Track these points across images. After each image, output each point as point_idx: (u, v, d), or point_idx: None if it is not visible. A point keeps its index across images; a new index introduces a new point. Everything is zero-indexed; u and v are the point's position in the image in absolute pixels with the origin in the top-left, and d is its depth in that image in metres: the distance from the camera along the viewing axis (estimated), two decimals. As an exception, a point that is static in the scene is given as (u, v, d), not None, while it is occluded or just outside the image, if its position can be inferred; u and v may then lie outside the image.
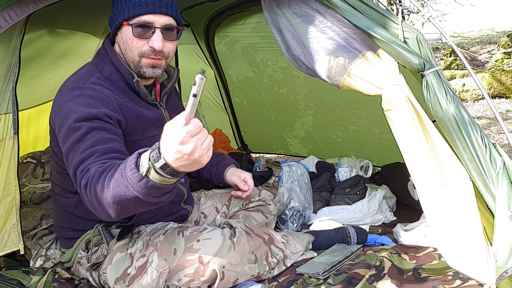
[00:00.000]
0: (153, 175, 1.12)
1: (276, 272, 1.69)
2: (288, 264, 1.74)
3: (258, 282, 1.62)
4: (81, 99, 1.48)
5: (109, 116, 1.49)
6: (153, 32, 1.56)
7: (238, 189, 1.97)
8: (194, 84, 1.04)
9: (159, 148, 1.09)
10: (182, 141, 1.03)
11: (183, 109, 1.69)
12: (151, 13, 1.54)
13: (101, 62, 1.64)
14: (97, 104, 1.49)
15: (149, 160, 1.11)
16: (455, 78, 7.11)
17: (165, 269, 1.52)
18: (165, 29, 1.58)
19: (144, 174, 1.13)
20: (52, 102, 1.60)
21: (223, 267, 1.51)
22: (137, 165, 1.15)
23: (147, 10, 1.54)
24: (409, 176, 1.57)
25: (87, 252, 1.71)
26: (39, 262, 1.84)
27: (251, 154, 3.77)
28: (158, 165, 1.10)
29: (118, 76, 1.62)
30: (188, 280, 1.51)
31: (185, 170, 1.11)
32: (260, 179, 2.77)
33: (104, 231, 1.69)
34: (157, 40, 1.56)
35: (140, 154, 1.17)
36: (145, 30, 1.56)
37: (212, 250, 1.51)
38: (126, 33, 1.58)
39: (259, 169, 2.98)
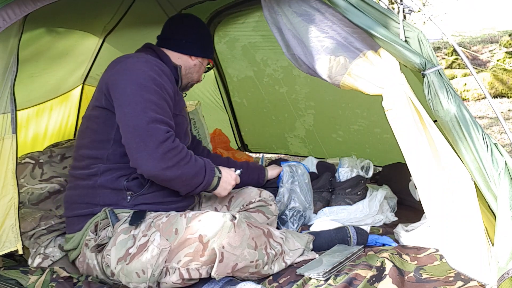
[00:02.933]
0: (214, 180, 1.84)
1: (276, 268, 1.69)
2: (288, 262, 1.73)
3: (258, 283, 1.61)
4: (150, 65, 1.75)
5: (172, 91, 1.80)
6: None
7: None
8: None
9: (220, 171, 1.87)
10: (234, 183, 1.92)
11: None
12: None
13: (147, 53, 1.88)
14: (162, 74, 1.76)
15: (219, 174, 1.86)
16: (456, 77, 7.10)
17: (166, 247, 1.54)
18: None
19: (216, 175, 1.84)
20: (52, 100, 1.64)
21: (223, 247, 1.51)
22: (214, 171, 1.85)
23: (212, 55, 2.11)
24: (410, 176, 1.56)
25: (96, 235, 1.73)
26: (37, 260, 1.84)
27: (250, 153, 3.76)
28: (219, 175, 1.86)
29: (164, 64, 1.86)
30: (188, 260, 1.52)
31: (222, 185, 1.87)
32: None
33: (111, 214, 1.72)
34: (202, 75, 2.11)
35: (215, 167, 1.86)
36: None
37: (213, 229, 1.52)
38: (204, 65, 2.08)
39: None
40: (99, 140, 1.78)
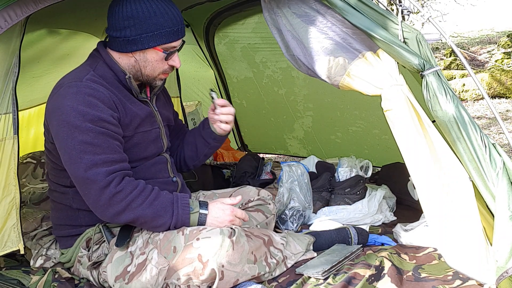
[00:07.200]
0: (193, 217, 1.63)
1: (278, 273, 1.69)
2: (289, 265, 1.74)
3: (258, 283, 1.61)
4: (80, 97, 1.55)
5: (112, 116, 1.60)
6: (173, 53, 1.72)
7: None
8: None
9: (207, 205, 1.67)
10: (231, 219, 1.66)
11: (172, 109, 2.05)
12: (179, 39, 1.70)
13: (94, 62, 1.72)
14: (96, 102, 1.57)
15: (202, 209, 1.64)
16: (454, 78, 7.11)
17: (165, 266, 1.53)
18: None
19: (194, 212, 1.63)
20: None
21: (222, 266, 1.51)
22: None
23: (177, 37, 1.69)
24: (409, 176, 1.57)
25: (88, 251, 1.72)
26: (39, 262, 1.84)
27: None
28: (203, 211, 1.64)
29: (111, 74, 1.70)
30: (187, 279, 1.52)
31: (212, 223, 1.63)
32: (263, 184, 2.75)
33: (105, 230, 1.70)
34: (177, 60, 1.74)
35: (188, 197, 1.68)
36: (172, 54, 1.71)
37: (212, 249, 1.51)
38: (152, 56, 1.68)
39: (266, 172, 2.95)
40: (59, 169, 1.70)
